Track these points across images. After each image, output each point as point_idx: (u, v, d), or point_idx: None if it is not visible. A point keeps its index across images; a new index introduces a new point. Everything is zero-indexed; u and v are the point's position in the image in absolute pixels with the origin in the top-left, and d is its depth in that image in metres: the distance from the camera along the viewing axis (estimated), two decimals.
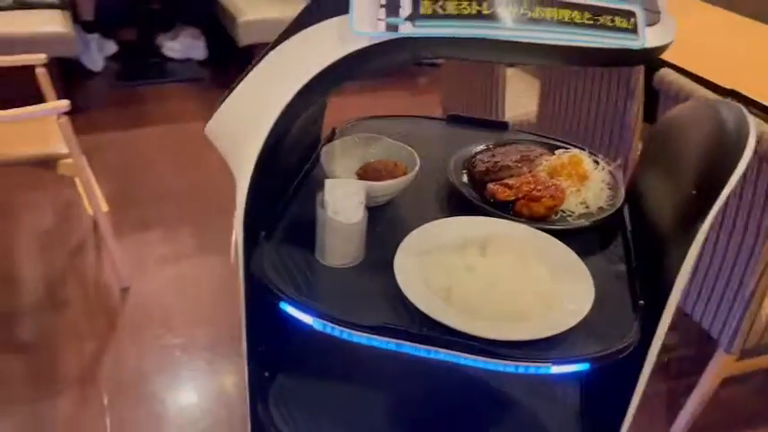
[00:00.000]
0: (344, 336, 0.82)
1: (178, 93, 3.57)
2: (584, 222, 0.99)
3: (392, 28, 0.71)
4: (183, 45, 3.83)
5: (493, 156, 1.10)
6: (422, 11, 0.71)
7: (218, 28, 3.71)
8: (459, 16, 0.71)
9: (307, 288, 0.87)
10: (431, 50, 0.73)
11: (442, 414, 1.06)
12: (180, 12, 3.89)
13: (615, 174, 1.10)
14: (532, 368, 0.78)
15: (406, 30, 0.71)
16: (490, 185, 1.04)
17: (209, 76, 3.77)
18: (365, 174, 1.02)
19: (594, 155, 1.12)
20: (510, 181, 1.03)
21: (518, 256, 0.87)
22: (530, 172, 1.06)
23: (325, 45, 0.73)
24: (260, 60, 0.80)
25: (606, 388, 1.00)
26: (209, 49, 3.85)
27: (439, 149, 1.17)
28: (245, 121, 0.82)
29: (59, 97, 2.09)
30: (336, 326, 0.82)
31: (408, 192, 1.04)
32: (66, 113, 1.89)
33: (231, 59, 3.69)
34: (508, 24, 0.70)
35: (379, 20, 0.71)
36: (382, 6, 0.71)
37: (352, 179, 0.92)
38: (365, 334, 0.81)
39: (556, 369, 0.79)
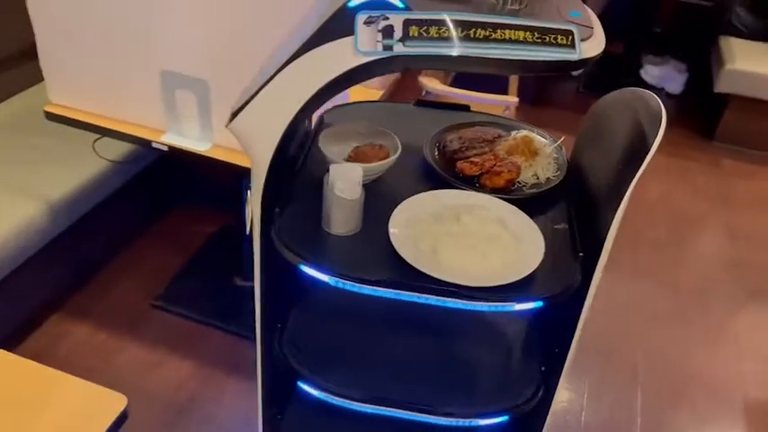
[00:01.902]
0: (354, 289, 1.03)
1: None
2: (535, 191, 1.23)
3: (388, 48, 0.91)
4: (662, 73, 3.71)
5: (459, 137, 1.32)
6: (411, 34, 0.91)
7: (704, 67, 3.62)
8: (439, 38, 0.91)
9: (320, 252, 1.08)
10: (416, 64, 0.94)
11: (420, 348, 1.30)
12: (676, 42, 3.77)
13: (561, 149, 1.33)
14: (500, 307, 1.02)
15: (399, 49, 0.91)
16: (459, 163, 1.26)
17: (672, 110, 3.68)
18: (356, 157, 1.23)
19: (543, 134, 1.35)
20: (475, 159, 1.25)
21: (484, 222, 1.10)
22: (491, 151, 1.28)
23: (334, 60, 0.93)
24: (281, 70, 0.99)
25: (556, 322, 1.24)
26: (686, 85, 3.72)
27: (411, 130, 1.37)
28: (268, 117, 1.01)
29: (521, 90, 2.34)
30: (348, 281, 1.03)
31: (391, 170, 1.25)
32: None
33: (702, 101, 3.62)
34: (476, 44, 0.92)
35: (377, 42, 0.91)
36: (379, 31, 0.91)
37: (353, 163, 1.12)
38: (371, 287, 1.03)
39: (518, 306, 1.02)
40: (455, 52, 0.92)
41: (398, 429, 1.30)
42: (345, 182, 1.07)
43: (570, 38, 0.95)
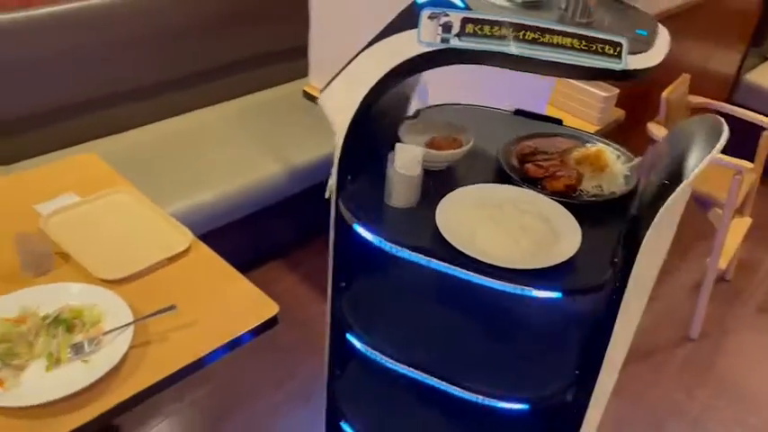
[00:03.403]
0: (393, 251, 1.17)
1: None
2: (592, 200, 1.28)
3: (445, 41, 1.05)
4: None
5: (534, 143, 1.40)
6: (466, 30, 1.04)
7: None
8: (492, 36, 1.03)
9: (375, 217, 1.23)
10: (468, 58, 1.06)
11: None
12: None
13: (636, 168, 1.36)
14: (519, 290, 1.10)
15: (455, 43, 1.04)
16: (527, 165, 1.34)
17: None
18: (431, 145, 1.36)
19: (619, 150, 1.39)
20: (543, 162, 1.33)
21: (524, 213, 1.19)
22: (561, 158, 1.35)
23: (401, 49, 1.08)
24: (361, 53, 1.16)
25: (594, 329, 1.28)
26: None
27: (498, 134, 1.46)
28: (345, 96, 1.18)
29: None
30: (388, 243, 1.17)
31: (465, 161, 1.37)
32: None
33: None
34: (524, 45, 1.02)
35: (437, 35, 1.05)
36: (440, 26, 1.04)
37: (414, 145, 1.25)
38: (407, 251, 1.15)
39: (536, 293, 1.10)
40: (503, 50, 1.03)
41: (437, 402, 1.41)
42: (405, 160, 1.21)
43: (618, 49, 1.02)
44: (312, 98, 2.32)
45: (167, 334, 1.22)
